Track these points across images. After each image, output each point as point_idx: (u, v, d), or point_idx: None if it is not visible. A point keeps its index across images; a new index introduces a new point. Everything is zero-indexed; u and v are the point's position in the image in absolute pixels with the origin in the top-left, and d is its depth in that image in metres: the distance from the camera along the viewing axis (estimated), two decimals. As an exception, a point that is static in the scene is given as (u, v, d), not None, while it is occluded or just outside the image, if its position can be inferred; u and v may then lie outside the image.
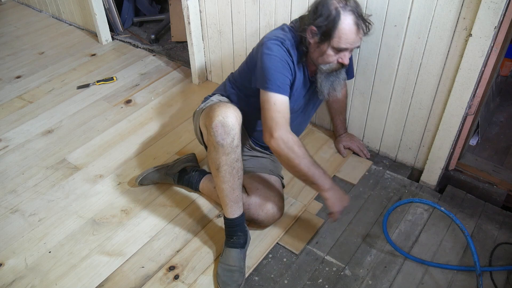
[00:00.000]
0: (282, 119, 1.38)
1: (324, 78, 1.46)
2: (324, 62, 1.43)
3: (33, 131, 2.17)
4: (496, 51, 1.48)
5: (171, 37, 2.97)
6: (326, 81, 1.47)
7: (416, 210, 1.72)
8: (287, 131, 1.38)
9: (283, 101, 1.40)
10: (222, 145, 1.35)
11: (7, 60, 2.78)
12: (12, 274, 1.51)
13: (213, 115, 1.36)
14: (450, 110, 1.62)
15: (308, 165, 1.38)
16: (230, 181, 1.41)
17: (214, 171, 1.42)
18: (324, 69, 1.44)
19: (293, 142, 1.37)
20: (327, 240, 1.61)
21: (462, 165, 1.85)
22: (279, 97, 1.39)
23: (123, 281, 1.48)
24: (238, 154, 1.41)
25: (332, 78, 1.46)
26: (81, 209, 1.75)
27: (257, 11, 1.98)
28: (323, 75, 1.46)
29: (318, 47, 1.41)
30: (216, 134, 1.35)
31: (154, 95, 2.43)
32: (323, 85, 1.47)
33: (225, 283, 1.43)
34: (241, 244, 1.49)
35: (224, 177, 1.41)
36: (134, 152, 2.03)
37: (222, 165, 1.39)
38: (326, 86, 1.47)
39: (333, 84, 1.48)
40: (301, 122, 1.70)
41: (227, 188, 1.42)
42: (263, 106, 1.41)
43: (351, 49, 1.41)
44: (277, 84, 1.39)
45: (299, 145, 1.38)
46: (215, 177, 1.44)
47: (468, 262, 1.53)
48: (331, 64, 1.43)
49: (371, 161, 1.94)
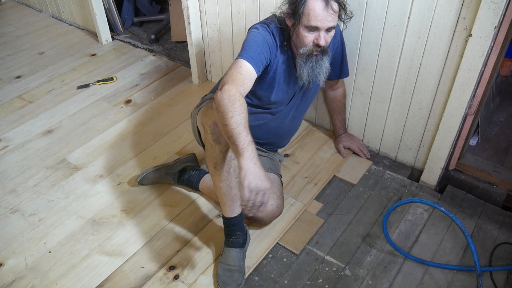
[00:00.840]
0: (240, 80, 1.35)
1: (303, 62, 1.48)
2: (301, 45, 1.45)
3: (33, 131, 2.17)
4: (496, 51, 1.48)
5: (171, 37, 2.97)
6: (305, 66, 1.48)
7: (416, 210, 1.72)
8: (238, 90, 1.31)
9: (249, 69, 1.38)
10: (219, 142, 1.35)
11: (7, 60, 2.78)
12: (12, 274, 1.51)
13: (210, 113, 1.36)
14: (450, 110, 1.62)
15: (239, 123, 1.24)
16: (228, 179, 1.41)
17: (212, 169, 1.42)
18: (302, 52, 1.46)
19: (237, 99, 1.27)
20: (327, 240, 1.61)
21: (462, 165, 1.85)
22: (247, 64, 1.38)
23: (123, 281, 1.48)
24: None
25: (311, 63, 1.47)
26: (81, 209, 1.75)
27: (257, 11, 1.98)
28: (302, 59, 1.47)
29: (294, 30, 1.44)
30: (213, 132, 1.35)
31: (154, 95, 2.43)
32: (302, 69, 1.49)
33: (225, 283, 1.43)
34: (240, 243, 1.49)
35: (222, 176, 1.41)
36: (134, 152, 2.03)
37: (219, 163, 1.39)
38: (305, 70, 1.48)
39: (313, 70, 1.49)
40: (294, 116, 1.71)
41: (225, 187, 1.42)
42: (229, 67, 1.40)
43: (326, 29, 1.41)
44: (250, 54, 1.40)
45: (242, 105, 1.27)
46: (212, 175, 1.44)
47: (468, 262, 1.53)
48: (308, 47, 1.44)
49: (371, 161, 1.94)
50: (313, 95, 1.74)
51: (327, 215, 1.71)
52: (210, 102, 1.48)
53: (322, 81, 1.53)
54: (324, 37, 1.41)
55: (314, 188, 1.81)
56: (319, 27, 1.39)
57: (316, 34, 1.41)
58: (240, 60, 1.38)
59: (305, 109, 1.76)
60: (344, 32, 1.75)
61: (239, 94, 1.29)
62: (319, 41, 1.42)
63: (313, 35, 1.41)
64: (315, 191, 1.80)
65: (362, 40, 1.73)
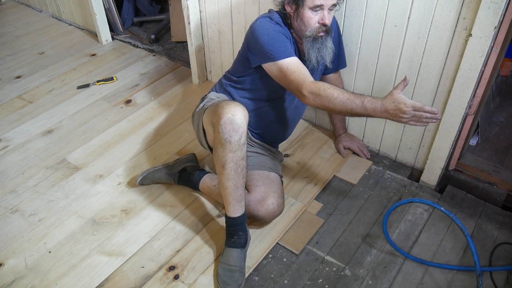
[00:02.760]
0: (301, 75, 1.40)
1: (310, 46, 1.50)
2: (306, 28, 1.48)
3: (33, 131, 2.17)
4: (496, 51, 1.48)
5: (171, 37, 2.97)
6: (312, 48, 1.50)
7: (416, 210, 1.72)
8: (310, 84, 1.37)
9: (293, 61, 1.43)
10: (230, 142, 1.36)
11: (7, 60, 2.78)
12: (12, 274, 1.51)
13: (222, 112, 1.37)
14: (450, 110, 1.62)
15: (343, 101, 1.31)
16: (235, 179, 1.42)
17: (220, 168, 1.43)
18: (309, 35, 1.48)
19: (319, 90, 1.34)
20: (327, 240, 1.61)
21: (462, 165, 1.85)
22: (287, 60, 1.42)
23: (123, 281, 1.48)
24: (244, 153, 1.42)
25: (317, 44, 1.50)
26: (81, 209, 1.75)
27: (257, 11, 1.98)
28: (308, 43, 1.50)
29: (297, 15, 1.47)
30: (224, 131, 1.36)
31: (154, 95, 2.43)
32: (310, 52, 1.51)
33: (226, 283, 1.43)
34: (241, 244, 1.49)
35: (229, 175, 1.41)
36: (134, 152, 2.03)
37: (228, 163, 1.40)
38: (313, 53, 1.51)
39: (320, 52, 1.51)
40: (297, 105, 1.72)
41: (231, 186, 1.43)
42: (279, 77, 1.45)
43: (329, 7, 1.44)
44: (280, 50, 1.43)
45: (325, 89, 1.34)
46: (219, 174, 1.44)
47: (468, 262, 1.53)
48: (314, 28, 1.47)
49: (371, 161, 1.94)
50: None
51: (327, 215, 1.71)
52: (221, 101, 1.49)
53: (329, 62, 1.56)
54: (328, 15, 1.46)
55: (314, 188, 1.81)
56: (323, 5, 1.43)
57: (321, 14, 1.45)
58: (279, 64, 1.42)
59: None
60: (344, 32, 1.76)
61: (315, 85, 1.36)
62: (324, 20, 1.45)
63: (318, 15, 1.45)
64: (315, 191, 1.80)
65: (362, 40, 1.73)
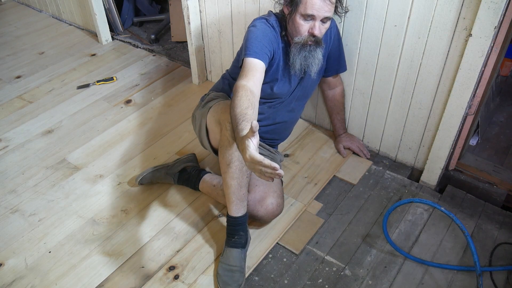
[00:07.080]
0: (243, 73, 1.38)
1: (297, 51, 1.49)
2: (296, 34, 1.47)
3: (33, 131, 2.17)
4: (496, 51, 1.48)
5: (171, 37, 2.97)
6: (298, 55, 1.50)
7: (416, 210, 1.72)
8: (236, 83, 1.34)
9: (254, 62, 1.40)
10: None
11: (7, 60, 2.78)
12: (12, 274, 1.51)
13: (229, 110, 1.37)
14: (450, 110, 1.62)
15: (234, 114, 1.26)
16: (239, 178, 1.42)
17: (225, 166, 1.42)
18: (297, 41, 1.48)
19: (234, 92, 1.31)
20: (327, 240, 1.61)
21: (462, 165, 1.85)
22: (250, 59, 1.41)
23: (123, 281, 1.48)
24: None
25: (304, 52, 1.49)
26: (81, 209, 1.75)
27: (257, 11, 1.98)
28: (296, 48, 1.49)
29: (291, 18, 1.46)
30: (232, 129, 1.34)
31: (154, 95, 2.43)
32: (295, 58, 1.50)
33: (226, 283, 1.43)
34: (242, 244, 1.49)
35: (234, 173, 1.41)
36: (134, 152, 2.03)
37: (234, 161, 1.40)
38: (298, 59, 1.50)
39: (306, 60, 1.50)
40: (294, 108, 1.72)
41: (235, 185, 1.43)
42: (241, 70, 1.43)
43: (321, 19, 1.43)
44: (254, 50, 1.42)
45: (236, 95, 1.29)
46: (224, 173, 1.44)
47: (468, 262, 1.53)
48: (303, 36, 1.46)
49: (371, 161, 1.94)
50: (312, 87, 1.75)
51: (327, 215, 1.71)
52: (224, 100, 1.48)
53: (314, 72, 1.55)
54: (319, 27, 1.44)
55: (314, 188, 1.81)
56: (315, 16, 1.41)
57: (312, 24, 1.43)
58: (246, 60, 1.41)
59: (304, 102, 1.78)
60: (344, 32, 1.76)
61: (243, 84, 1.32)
62: (314, 30, 1.44)
63: (309, 24, 1.44)
64: (315, 191, 1.80)
65: (362, 40, 1.73)
